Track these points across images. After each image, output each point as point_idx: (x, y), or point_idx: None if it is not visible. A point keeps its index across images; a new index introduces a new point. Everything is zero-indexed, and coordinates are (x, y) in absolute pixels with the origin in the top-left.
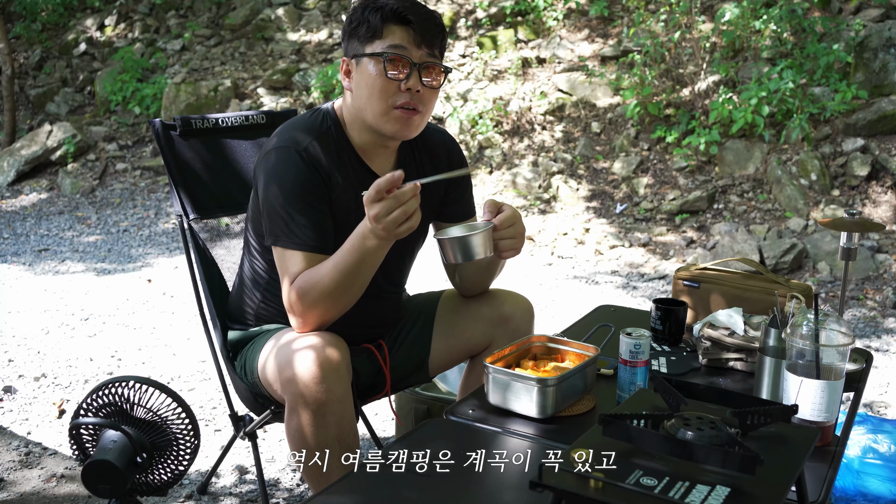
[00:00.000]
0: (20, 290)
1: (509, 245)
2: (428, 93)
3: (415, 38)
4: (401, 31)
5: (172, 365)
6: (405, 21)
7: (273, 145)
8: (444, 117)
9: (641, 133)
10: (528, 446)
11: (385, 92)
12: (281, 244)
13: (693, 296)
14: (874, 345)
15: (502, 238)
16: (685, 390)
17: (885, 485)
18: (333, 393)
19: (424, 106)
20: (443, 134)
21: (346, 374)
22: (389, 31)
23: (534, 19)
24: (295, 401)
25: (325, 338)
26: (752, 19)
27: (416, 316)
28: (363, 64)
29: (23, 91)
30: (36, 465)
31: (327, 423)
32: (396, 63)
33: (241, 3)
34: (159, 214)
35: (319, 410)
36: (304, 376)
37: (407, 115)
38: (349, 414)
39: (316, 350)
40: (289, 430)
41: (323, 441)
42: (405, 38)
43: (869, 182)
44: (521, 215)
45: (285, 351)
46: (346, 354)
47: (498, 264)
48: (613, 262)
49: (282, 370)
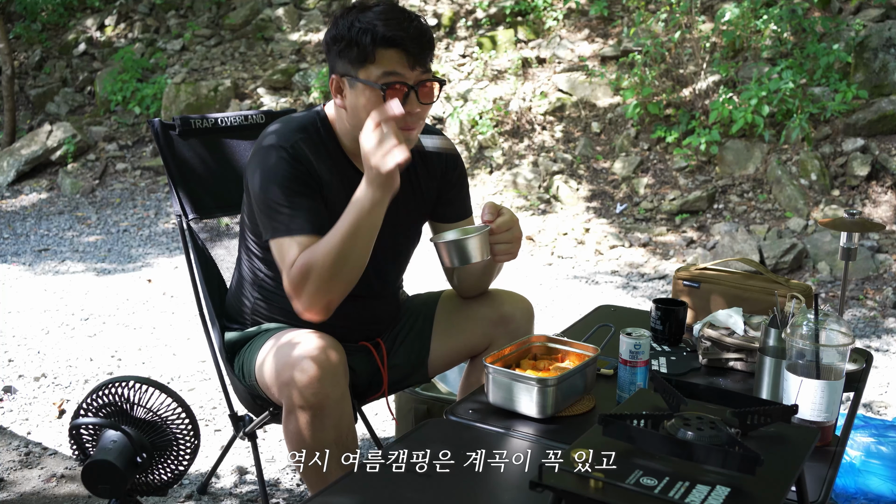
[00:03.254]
0: (20, 290)
1: (505, 249)
2: (425, 108)
3: (408, 60)
4: (393, 55)
5: (172, 365)
6: (396, 45)
7: (261, 145)
8: (444, 117)
9: (641, 133)
10: (528, 446)
11: None
12: (278, 235)
13: (693, 296)
14: (874, 345)
15: (498, 242)
16: (685, 390)
17: (887, 484)
18: (330, 395)
19: (421, 119)
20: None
21: (343, 376)
22: (381, 56)
23: (534, 19)
24: (292, 403)
25: (322, 340)
26: (753, 19)
27: (415, 316)
28: (358, 89)
29: (23, 91)
30: (36, 465)
31: (325, 425)
32: (393, 91)
33: (241, 3)
34: (159, 214)
35: (317, 412)
36: (302, 379)
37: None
38: (347, 415)
39: (313, 352)
40: (287, 432)
41: (321, 442)
42: (399, 63)
43: (869, 182)
44: (518, 219)
45: (282, 353)
46: (342, 356)
47: (495, 267)
48: (613, 262)
49: (279, 373)
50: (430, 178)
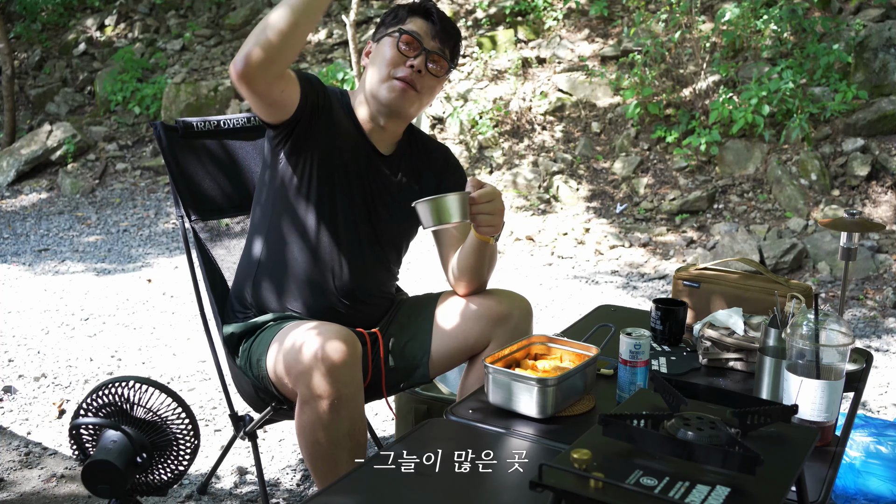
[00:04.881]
0: (20, 290)
1: (486, 220)
2: (429, 79)
3: (431, 30)
4: (422, 22)
5: (172, 365)
6: (427, 15)
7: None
8: (444, 117)
9: (641, 133)
10: (528, 446)
11: (391, 62)
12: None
13: (693, 296)
14: (874, 345)
15: (480, 212)
16: (685, 390)
17: (886, 485)
18: (349, 386)
19: (422, 89)
20: (445, 149)
21: (359, 369)
22: (412, 20)
23: (534, 19)
24: (309, 393)
25: (339, 330)
26: (753, 19)
27: (415, 318)
28: (382, 42)
29: (23, 91)
30: (36, 465)
31: (341, 415)
32: (409, 43)
33: (241, 3)
34: (159, 214)
35: (334, 403)
36: (321, 368)
37: (403, 87)
38: (361, 409)
39: (331, 342)
40: (300, 424)
41: (335, 435)
42: (423, 28)
43: (869, 182)
44: (500, 194)
45: (298, 344)
46: (359, 348)
47: (486, 250)
48: (613, 262)
49: (296, 362)
50: (430, 168)
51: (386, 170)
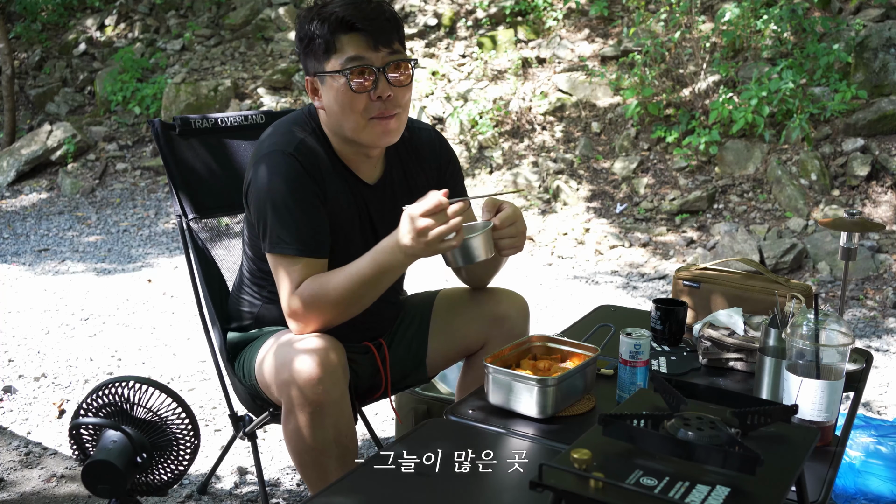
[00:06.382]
0: (20, 290)
1: (510, 244)
2: (400, 91)
3: (369, 42)
4: (353, 39)
5: (172, 365)
6: (354, 28)
7: (262, 152)
8: (444, 117)
9: (641, 133)
10: (528, 446)
11: (356, 106)
12: (278, 251)
13: (693, 296)
14: (874, 345)
15: (503, 237)
16: (685, 390)
17: (887, 484)
18: (330, 395)
19: (400, 106)
20: (428, 132)
21: (342, 376)
22: (342, 43)
23: (534, 19)
24: (292, 402)
25: (322, 340)
26: (753, 19)
27: (413, 316)
28: (327, 82)
29: (23, 91)
30: (36, 465)
31: (325, 424)
32: (361, 74)
33: (241, 3)
34: (159, 214)
35: (316, 412)
36: (301, 378)
37: (384, 123)
38: (347, 415)
39: (313, 352)
40: (286, 432)
41: (321, 442)
42: (360, 46)
43: (869, 182)
44: (521, 212)
45: (282, 353)
46: (343, 356)
47: (501, 260)
48: (613, 262)
49: (279, 372)
50: (423, 173)
51: (377, 202)
